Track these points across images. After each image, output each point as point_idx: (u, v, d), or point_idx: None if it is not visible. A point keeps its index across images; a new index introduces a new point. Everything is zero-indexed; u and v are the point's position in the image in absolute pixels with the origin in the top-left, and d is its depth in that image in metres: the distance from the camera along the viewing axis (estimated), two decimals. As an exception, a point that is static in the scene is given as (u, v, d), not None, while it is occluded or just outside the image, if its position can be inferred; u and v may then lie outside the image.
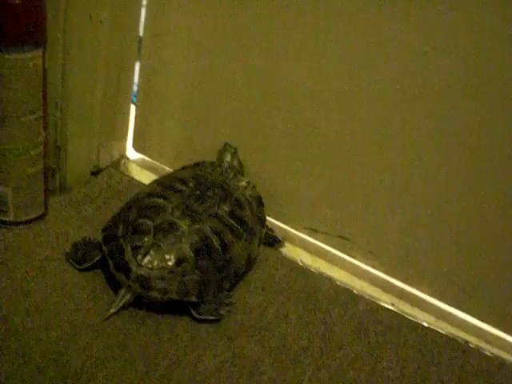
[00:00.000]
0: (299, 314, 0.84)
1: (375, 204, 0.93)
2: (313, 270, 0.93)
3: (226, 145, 0.98)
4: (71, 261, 0.83)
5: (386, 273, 0.96)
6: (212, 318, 0.79)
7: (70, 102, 0.89)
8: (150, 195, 0.85)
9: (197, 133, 1.02)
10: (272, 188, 0.98)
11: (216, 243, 0.80)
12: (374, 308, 0.88)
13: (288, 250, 0.98)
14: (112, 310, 0.76)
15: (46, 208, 0.91)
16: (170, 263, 0.77)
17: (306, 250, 0.99)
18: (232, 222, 0.84)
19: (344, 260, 0.98)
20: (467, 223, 0.87)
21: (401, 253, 0.94)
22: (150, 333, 0.76)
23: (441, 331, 0.87)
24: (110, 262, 0.78)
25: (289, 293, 0.87)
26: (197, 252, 0.78)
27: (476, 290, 0.91)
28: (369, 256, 0.96)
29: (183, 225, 0.79)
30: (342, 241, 0.98)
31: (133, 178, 1.04)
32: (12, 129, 0.80)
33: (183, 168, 0.96)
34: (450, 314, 0.92)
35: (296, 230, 1.01)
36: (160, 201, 0.83)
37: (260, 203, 0.93)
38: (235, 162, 0.97)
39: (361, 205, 0.94)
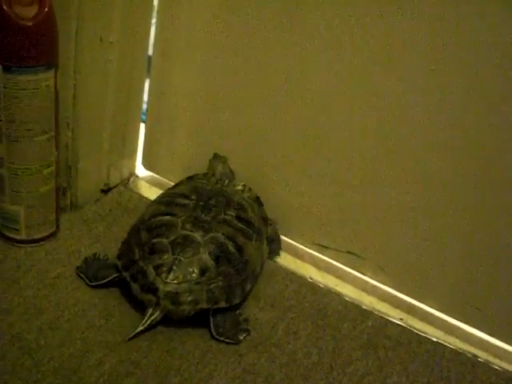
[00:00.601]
0: (309, 329, 0.84)
1: (384, 220, 0.93)
2: (322, 285, 0.93)
3: (216, 155, 1.00)
4: (82, 275, 0.85)
5: (394, 288, 0.97)
6: (230, 341, 0.80)
7: (81, 122, 0.90)
8: (155, 215, 0.85)
9: (205, 150, 1.03)
10: (281, 204, 1.00)
11: (231, 248, 0.82)
12: (383, 323, 0.88)
13: (297, 265, 0.98)
14: (140, 329, 0.77)
15: (58, 226, 0.92)
16: (194, 275, 0.78)
17: (316, 266, 0.99)
18: (240, 225, 0.86)
19: (353, 276, 0.99)
20: (475, 238, 0.88)
21: (409, 268, 0.94)
22: (162, 350, 0.77)
23: (450, 346, 0.87)
24: (135, 286, 0.79)
25: (298, 309, 0.88)
26: (216, 259, 0.80)
27: (484, 304, 0.91)
28: (378, 272, 0.97)
29: (197, 236, 0.81)
30: (352, 257, 0.98)
31: (142, 196, 1.06)
32: (25, 148, 0.81)
33: (178, 184, 0.97)
34: (458, 328, 0.93)
35: (305, 246, 1.02)
36: (168, 218, 0.84)
37: (260, 204, 0.95)
38: (227, 170, 0.99)
39: (370, 221, 0.95)
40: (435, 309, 0.95)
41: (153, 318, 0.78)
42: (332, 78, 0.89)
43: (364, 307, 0.90)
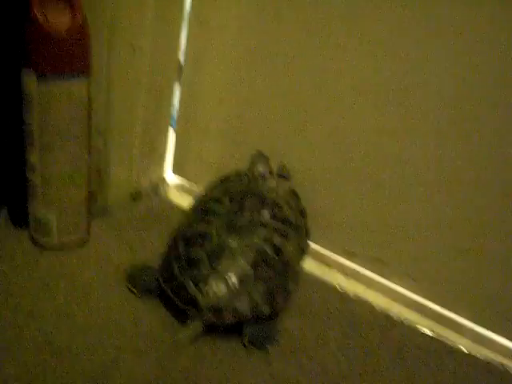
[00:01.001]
0: (338, 338, 0.84)
1: (414, 228, 0.93)
2: (350, 293, 0.93)
3: (259, 152, 0.99)
4: (133, 290, 0.85)
5: (424, 296, 0.96)
6: (257, 349, 0.80)
7: (112, 129, 0.92)
8: (191, 225, 0.85)
9: (235, 155, 1.04)
10: (312, 211, 0.99)
11: (269, 250, 0.81)
12: (412, 333, 0.88)
13: (324, 273, 0.98)
14: (182, 341, 0.77)
15: (89, 232, 0.93)
16: (233, 285, 0.78)
17: (344, 273, 0.99)
18: (277, 224, 0.85)
19: (381, 284, 0.98)
20: (508, 248, 0.87)
21: (438, 276, 0.94)
22: (192, 357, 0.77)
23: (479, 356, 0.86)
24: (177, 301, 0.79)
25: (327, 317, 0.87)
26: (255, 265, 0.80)
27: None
28: (406, 279, 0.97)
29: (233, 243, 0.80)
30: (380, 264, 0.98)
31: (172, 202, 1.06)
32: (57, 155, 0.82)
33: (211, 187, 0.97)
34: (488, 338, 0.92)
35: (335, 252, 1.02)
36: (203, 227, 0.83)
37: (296, 196, 0.94)
38: (267, 169, 0.98)
39: (399, 228, 0.95)
40: (465, 318, 0.94)
41: (196, 331, 0.78)
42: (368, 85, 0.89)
43: (393, 316, 0.90)
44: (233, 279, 0.78)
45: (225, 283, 0.78)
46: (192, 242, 0.82)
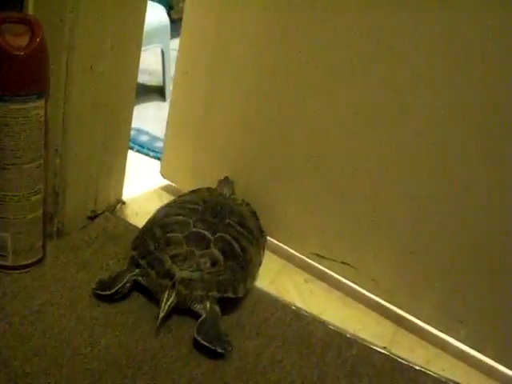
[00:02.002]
0: (293, 358, 0.85)
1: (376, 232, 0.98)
2: (306, 313, 0.94)
3: (226, 178, 1.10)
4: (99, 292, 0.88)
5: (385, 299, 1.01)
6: (213, 347, 0.82)
7: (69, 150, 0.91)
8: (168, 215, 0.95)
9: (216, 165, 1.13)
10: (282, 215, 1.08)
11: (237, 247, 0.92)
12: (367, 351, 0.89)
13: (281, 293, 0.99)
14: (162, 315, 0.84)
15: (44, 252, 0.92)
16: (206, 265, 0.88)
17: (300, 294, 1.01)
18: (243, 230, 0.96)
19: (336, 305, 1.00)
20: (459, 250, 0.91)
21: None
22: (148, 377, 0.77)
23: (432, 374, 0.88)
24: (152, 272, 0.87)
25: (283, 337, 0.88)
26: (224, 255, 0.90)
27: (472, 322, 0.93)
28: (370, 283, 1.01)
29: (207, 234, 0.91)
30: (346, 267, 1.03)
31: (128, 223, 1.06)
32: (14, 176, 0.82)
33: (183, 195, 1.07)
34: (443, 356, 0.94)
35: (303, 254, 1.08)
36: (181, 218, 0.94)
37: (256, 218, 1.05)
38: (231, 191, 1.09)
39: (365, 234, 1.00)
40: (424, 322, 0.98)
41: (169, 302, 0.84)
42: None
43: (348, 335, 0.91)
44: (206, 262, 0.88)
45: (199, 263, 0.88)
46: (169, 227, 0.92)
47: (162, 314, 0.83)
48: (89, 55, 0.87)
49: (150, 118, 1.43)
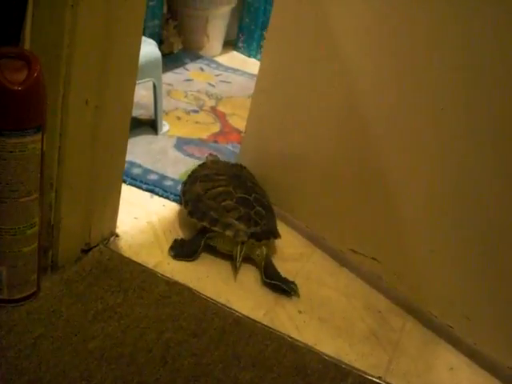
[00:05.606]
0: (289, 389, 0.85)
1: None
2: (301, 344, 0.94)
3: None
4: (182, 259, 1.12)
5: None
6: (281, 286, 1.09)
7: (64, 183, 0.92)
8: (208, 189, 1.19)
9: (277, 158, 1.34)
10: (324, 214, 1.24)
11: (265, 201, 1.22)
12: (362, 382, 0.90)
13: (276, 324, 0.99)
14: (238, 265, 1.11)
15: (39, 286, 0.92)
16: (259, 220, 1.16)
17: (294, 324, 1.01)
18: (259, 189, 1.25)
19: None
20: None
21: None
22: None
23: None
24: (228, 232, 1.12)
25: (279, 368, 0.88)
26: (264, 209, 1.19)
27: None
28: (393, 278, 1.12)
29: (248, 196, 1.19)
30: (374, 262, 1.15)
31: (122, 255, 1.06)
32: (9, 210, 0.82)
33: (196, 171, 1.29)
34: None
35: (341, 249, 1.21)
36: (221, 188, 1.19)
37: (253, 177, 1.32)
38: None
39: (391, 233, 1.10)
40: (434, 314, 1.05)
41: (242, 253, 1.12)
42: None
43: (343, 366, 0.92)
44: (257, 217, 1.16)
45: (254, 219, 1.15)
46: (218, 198, 1.16)
47: (238, 264, 1.11)
48: (84, 90, 0.88)
49: (142, 151, 1.44)
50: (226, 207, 1.15)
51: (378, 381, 0.91)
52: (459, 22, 0.92)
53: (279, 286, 1.09)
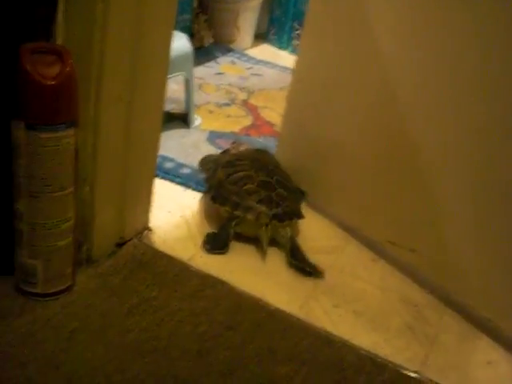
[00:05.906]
0: (325, 383, 0.84)
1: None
2: (336, 338, 0.94)
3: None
4: (217, 252, 1.12)
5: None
6: (306, 268, 1.11)
7: (98, 178, 0.92)
8: (230, 174, 1.20)
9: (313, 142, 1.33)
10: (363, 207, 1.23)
11: (287, 183, 1.22)
12: (399, 376, 0.88)
13: (311, 318, 0.99)
14: (265, 247, 1.14)
15: (74, 279, 0.93)
16: (281, 202, 1.16)
17: (330, 319, 1.00)
18: (280, 171, 1.25)
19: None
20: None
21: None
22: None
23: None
24: (250, 216, 1.13)
25: (314, 362, 0.88)
26: (286, 191, 1.19)
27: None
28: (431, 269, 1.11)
29: (269, 179, 1.19)
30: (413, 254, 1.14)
31: (156, 249, 1.06)
32: (44, 204, 0.83)
33: (217, 158, 1.34)
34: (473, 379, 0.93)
35: (379, 241, 1.20)
36: (243, 173, 1.20)
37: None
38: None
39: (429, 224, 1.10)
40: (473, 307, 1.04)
41: (269, 234, 1.13)
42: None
43: (379, 360, 0.90)
44: (279, 199, 1.16)
45: (276, 201, 1.15)
46: (240, 182, 1.18)
47: (265, 247, 1.13)
48: (117, 85, 0.88)
49: (174, 145, 1.44)
50: (248, 191, 1.16)
51: (414, 375, 0.89)
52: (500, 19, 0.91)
53: (304, 268, 1.11)
